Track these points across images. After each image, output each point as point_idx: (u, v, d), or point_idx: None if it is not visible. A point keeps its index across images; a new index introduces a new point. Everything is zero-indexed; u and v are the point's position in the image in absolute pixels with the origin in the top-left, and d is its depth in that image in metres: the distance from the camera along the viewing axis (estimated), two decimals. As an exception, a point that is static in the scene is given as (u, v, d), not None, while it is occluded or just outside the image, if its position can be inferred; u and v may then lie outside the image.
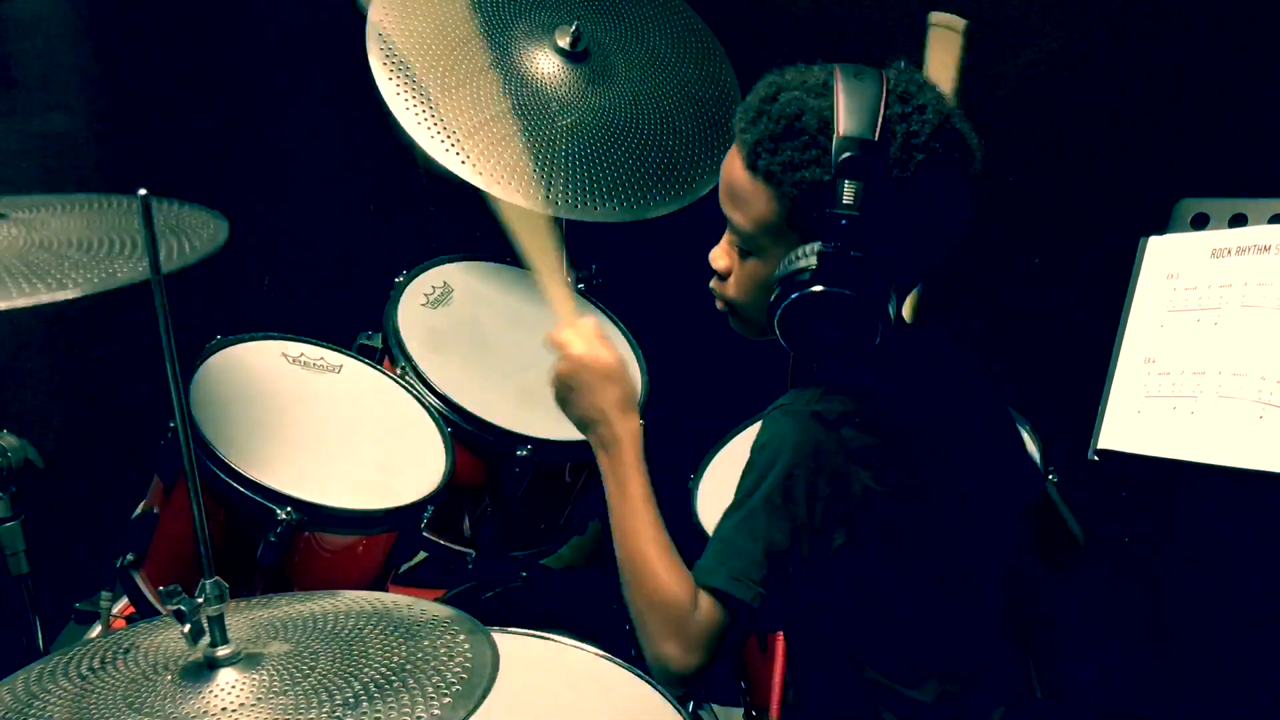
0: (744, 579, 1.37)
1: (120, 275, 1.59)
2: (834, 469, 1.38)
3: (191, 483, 1.21)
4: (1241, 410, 1.58)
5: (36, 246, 1.66)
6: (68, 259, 1.62)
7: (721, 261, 1.49)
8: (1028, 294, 2.47)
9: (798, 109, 1.37)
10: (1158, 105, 2.32)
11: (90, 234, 1.71)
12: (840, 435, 1.39)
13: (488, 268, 2.36)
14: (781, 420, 1.42)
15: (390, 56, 2.19)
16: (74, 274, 1.57)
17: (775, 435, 1.41)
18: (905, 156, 1.35)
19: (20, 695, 1.21)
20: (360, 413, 2.03)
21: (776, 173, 1.38)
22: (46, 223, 1.75)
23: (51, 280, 1.55)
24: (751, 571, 1.37)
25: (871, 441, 1.40)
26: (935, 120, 1.37)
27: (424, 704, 1.14)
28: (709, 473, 2.14)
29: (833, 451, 1.38)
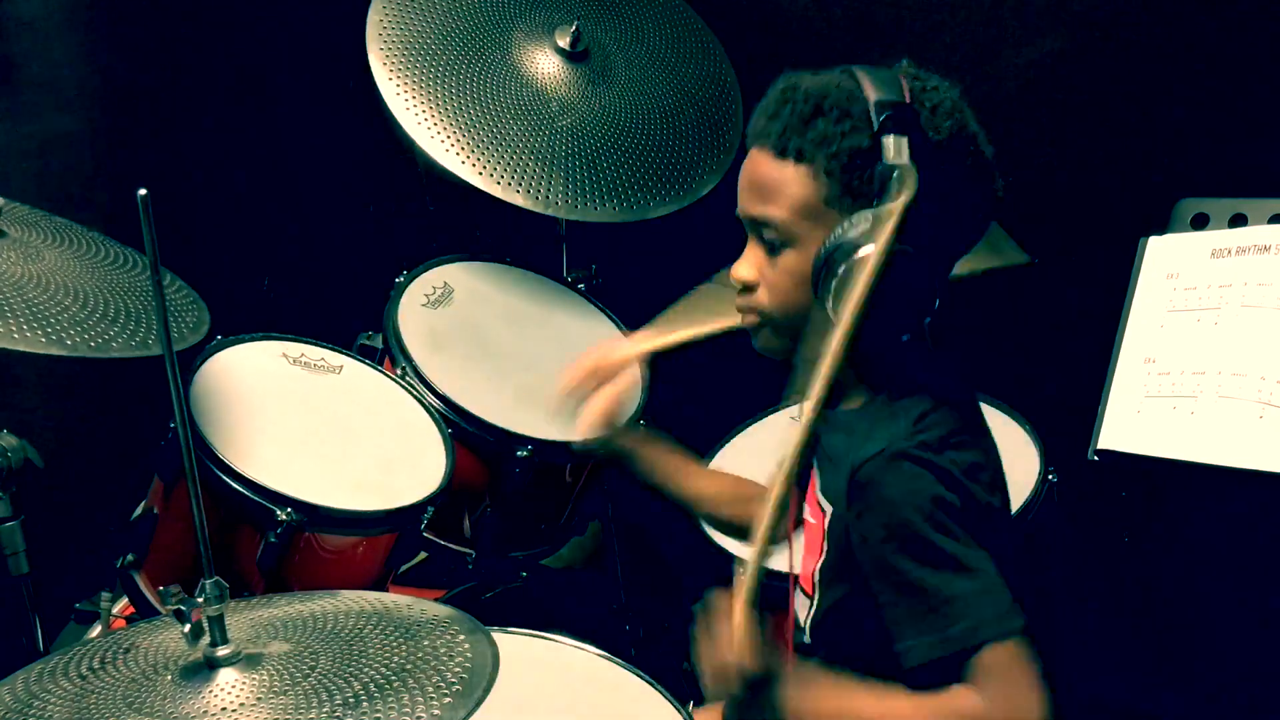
0: (1006, 614, 1.28)
1: (115, 348, 1.65)
2: (964, 488, 1.32)
3: (191, 483, 1.21)
4: (1241, 410, 1.58)
5: (34, 284, 1.69)
6: (65, 311, 1.66)
7: (748, 272, 1.43)
8: (1028, 294, 2.47)
9: (823, 90, 1.37)
10: (1158, 105, 2.32)
11: (84, 284, 1.74)
12: (951, 458, 1.33)
13: (488, 268, 2.36)
14: (894, 467, 1.32)
15: (391, 58, 2.19)
16: (71, 330, 1.63)
17: (896, 482, 1.31)
18: (936, 120, 1.36)
19: (20, 695, 1.21)
20: (360, 413, 2.03)
21: (810, 150, 1.36)
22: (40, 253, 1.78)
23: (50, 332, 1.61)
24: (1002, 603, 1.28)
25: (974, 458, 1.35)
26: (951, 95, 1.39)
27: (424, 704, 1.14)
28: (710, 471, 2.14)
29: (956, 474, 1.32)
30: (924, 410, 1.36)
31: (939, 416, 1.36)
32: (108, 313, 1.70)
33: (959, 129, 1.37)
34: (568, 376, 1.70)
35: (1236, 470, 1.56)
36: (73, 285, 1.72)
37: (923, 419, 1.35)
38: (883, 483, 1.32)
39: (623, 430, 1.77)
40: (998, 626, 1.26)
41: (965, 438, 1.36)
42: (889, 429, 1.35)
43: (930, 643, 1.28)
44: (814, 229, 1.37)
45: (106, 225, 1.96)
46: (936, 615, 1.28)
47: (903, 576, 1.30)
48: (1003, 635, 1.26)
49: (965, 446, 1.36)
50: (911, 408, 1.37)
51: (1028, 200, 2.45)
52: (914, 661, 1.28)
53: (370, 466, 1.94)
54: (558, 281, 2.41)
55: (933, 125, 1.35)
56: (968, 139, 1.38)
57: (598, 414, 1.71)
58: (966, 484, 1.32)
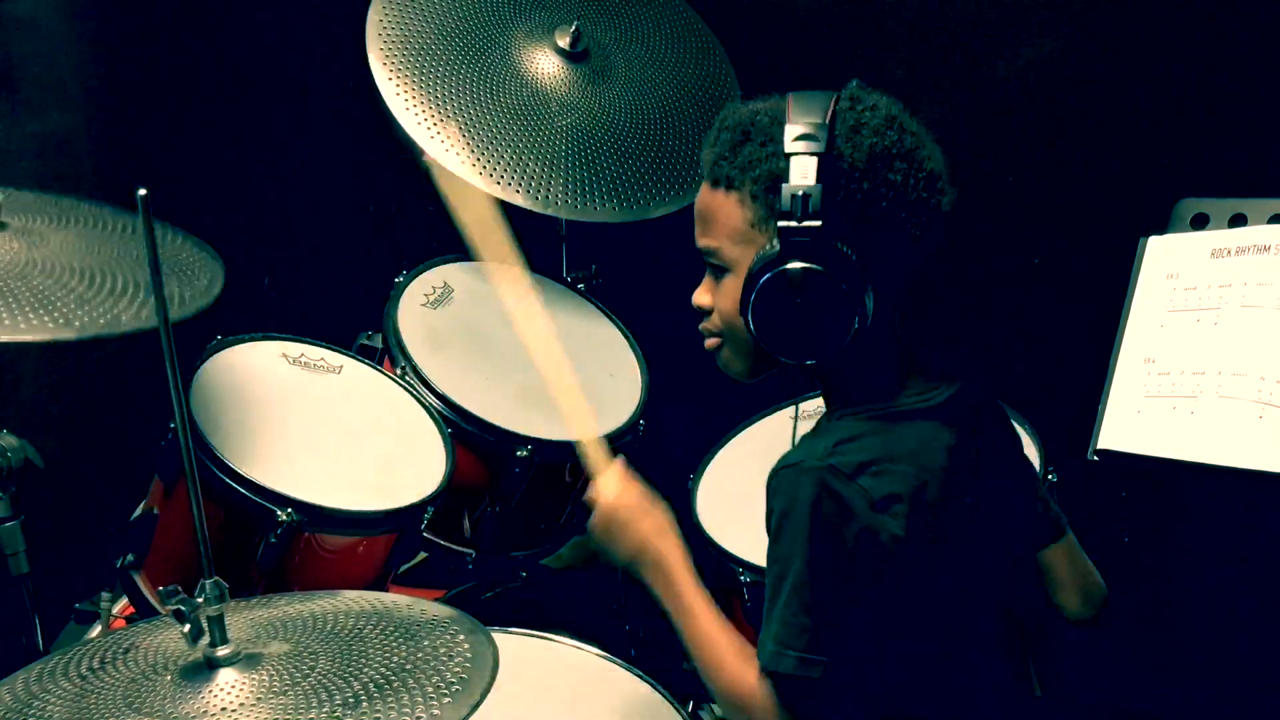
0: (811, 656, 1.33)
1: (125, 321, 1.62)
2: (861, 521, 1.34)
3: (191, 483, 1.21)
4: (1241, 410, 1.58)
5: (38, 269, 1.67)
6: (72, 292, 1.63)
7: (702, 297, 1.48)
8: (1028, 294, 2.47)
9: (751, 117, 1.40)
10: (1158, 105, 2.32)
11: (91, 260, 1.72)
12: (860, 486, 1.35)
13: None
14: (796, 480, 1.36)
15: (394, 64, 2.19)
16: (79, 311, 1.60)
17: (794, 497, 1.36)
18: (857, 138, 1.36)
19: (20, 695, 1.21)
20: (360, 413, 2.03)
21: (736, 176, 1.39)
22: (45, 237, 1.76)
23: (58, 315, 1.58)
24: (815, 646, 1.33)
25: (892, 490, 1.36)
26: (886, 112, 1.38)
27: (424, 704, 1.14)
28: (709, 473, 2.14)
29: (857, 503, 1.34)
30: (855, 434, 1.39)
31: (867, 442, 1.38)
32: (115, 288, 1.67)
33: (886, 146, 1.36)
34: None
35: (1236, 470, 1.56)
36: (78, 265, 1.69)
37: (847, 442, 1.38)
38: (780, 490, 1.38)
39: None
40: (776, 663, 1.35)
41: (893, 467, 1.37)
42: (812, 445, 1.40)
43: (773, 652, 1.36)
44: (746, 252, 1.40)
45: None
46: (767, 624, 1.37)
47: (770, 576, 1.39)
48: (776, 670, 1.35)
49: (887, 476, 1.36)
50: (842, 430, 1.40)
51: (1028, 200, 2.46)
52: (763, 662, 1.37)
53: (370, 466, 1.94)
54: (558, 281, 2.41)
55: (851, 144, 1.35)
56: (897, 155, 1.37)
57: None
58: (868, 514, 1.34)
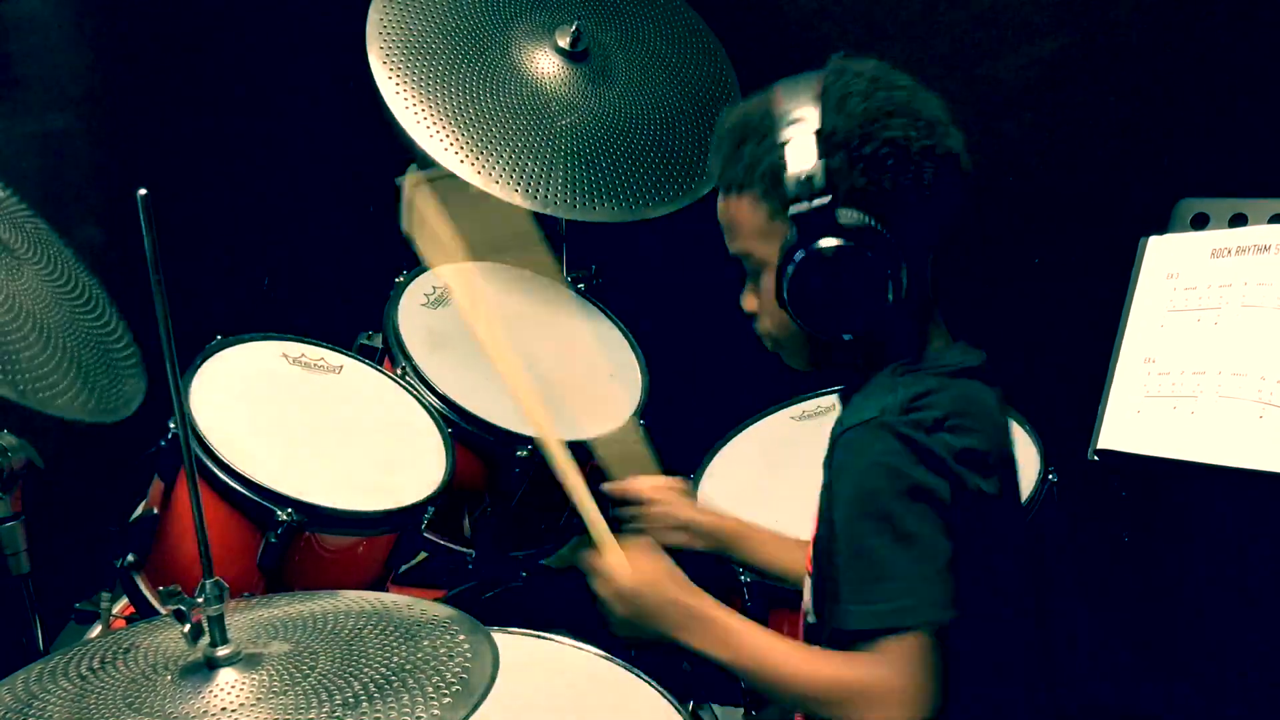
0: (924, 604, 1.29)
1: (59, 405, 1.62)
2: (947, 475, 1.32)
3: (191, 483, 1.21)
4: (1241, 410, 1.58)
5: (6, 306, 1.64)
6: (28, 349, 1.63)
7: (748, 302, 1.47)
8: (1028, 294, 2.47)
9: (744, 117, 1.41)
10: (1158, 105, 2.32)
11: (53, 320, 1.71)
12: (942, 440, 1.32)
13: (488, 268, 2.36)
14: (881, 435, 1.33)
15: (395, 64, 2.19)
16: (26, 373, 1.60)
17: (876, 453, 1.32)
18: (846, 106, 1.35)
19: (20, 695, 1.21)
20: (360, 413, 2.03)
21: (744, 177, 1.40)
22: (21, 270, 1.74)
23: (5, 372, 1.57)
24: (926, 593, 1.29)
25: (971, 444, 1.34)
26: (871, 74, 1.38)
27: (424, 704, 1.14)
28: (709, 473, 2.14)
29: (941, 456, 1.32)
30: (926, 389, 1.37)
31: (940, 398, 1.36)
32: (62, 363, 1.66)
33: (879, 105, 1.35)
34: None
35: (1236, 470, 1.56)
36: (40, 317, 1.67)
37: (922, 397, 1.36)
38: (861, 448, 1.34)
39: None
40: (921, 615, 1.28)
41: (966, 422, 1.36)
42: (883, 401, 1.36)
43: (868, 612, 1.29)
44: (773, 248, 1.39)
45: (106, 224, 1.96)
46: (879, 586, 1.29)
47: (860, 541, 1.32)
48: (919, 626, 1.27)
49: (964, 431, 1.35)
50: (913, 384, 1.38)
51: (1028, 200, 2.46)
52: (850, 625, 1.30)
53: (370, 466, 1.94)
54: (558, 281, 2.41)
55: (844, 113, 1.35)
56: (891, 111, 1.35)
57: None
58: (954, 467, 1.32)
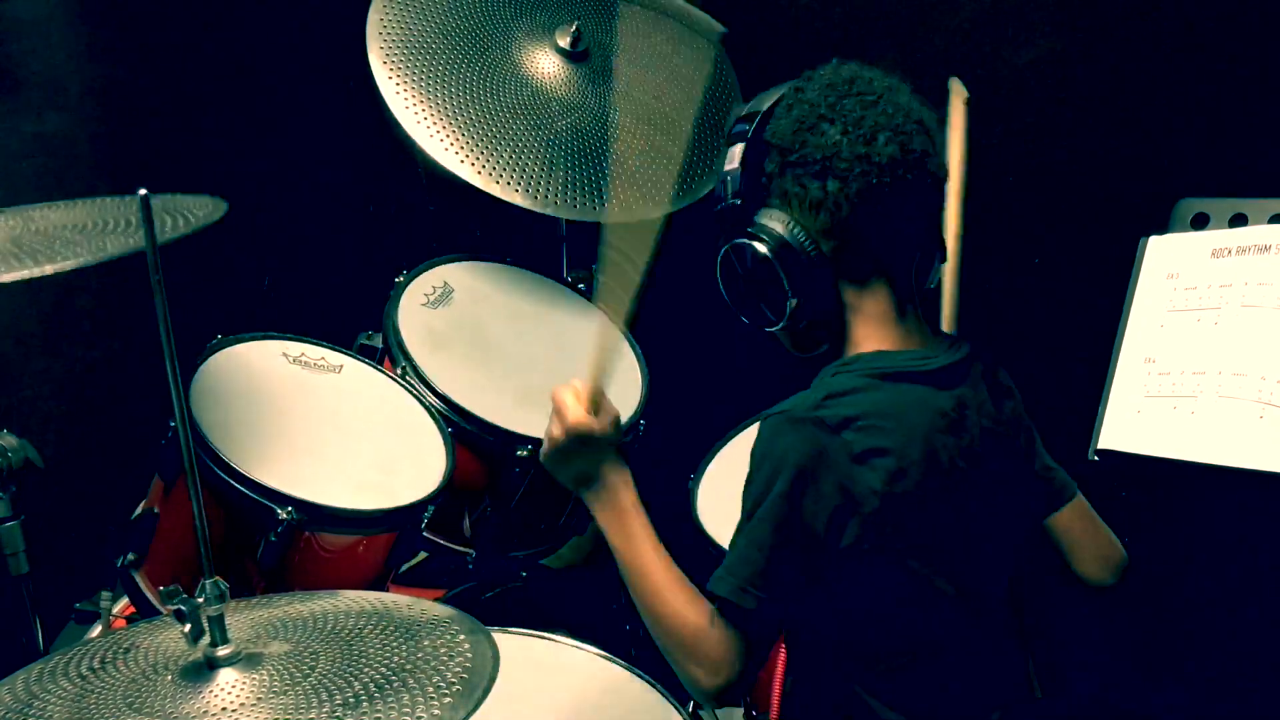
0: (749, 588, 1.40)
1: (110, 248, 1.61)
2: (839, 473, 1.39)
3: (191, 483, 1.21)
4: (1241, 410, 1.58)
5: (32, 233, 1.68)
6: (60, 239, 1.64)
7: None
8: (1028, 294, 2.47)
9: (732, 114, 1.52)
10: (1158, 105, 2.32)
11: (86, 219, 1.73)
12: (843, 439, 1.40)
13: (488, 268, 2.36)
14: (782, 426, 1.42)
15: (392, 60, 2.19)
16: (64, 250, 1.60)
17: (776, 443, 1.42)
18: (786, 115, 1.45)
19: (20, 695, 1.21)
20: (360, 413, 2.03)
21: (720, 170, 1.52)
22: (45, 215, 1.77)
23: (41, 257, 1.58)
24: (756, 580, 1.39)
25: (875, 445, 1.40)
26: (830, 80, 1.45)
27: (424, 704, 1.14)
28: (709, 473, 2.14)
29: (836, 456, 1.39)
30: (846, 389, 1.43)
31: (860, 398, 1.42)
32: (105, 229, 1.68)
33: (820, 114, 1.43)
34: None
35: (1236, 470, 1.56)
36: (70, 224, 1.71)
37: (837, 396, 1.42)
38: (764, 435, 1.44)
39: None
40: (727, 591, 1.41)
41: (883, 424, 1.41)
42: (802, 396, 1.45)
43: (716, 575, 1.44)
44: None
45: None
46: (731, 555, 1.43)
47: (742, 519, 1.44)
48: (727, 605, 1.41)
49: (874, 431, 1.40)
50: (835, 384, 1.44)
51: (1028, 200, 2.46)
52: (710, 587, 1.44)
53: (370, 466, 1.94)
54: (558, 281, 2.42)
55: (783, 120, 1.45)
56: (827, 118, 1.42)
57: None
58: (847, 466, 1.39)
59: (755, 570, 1.40)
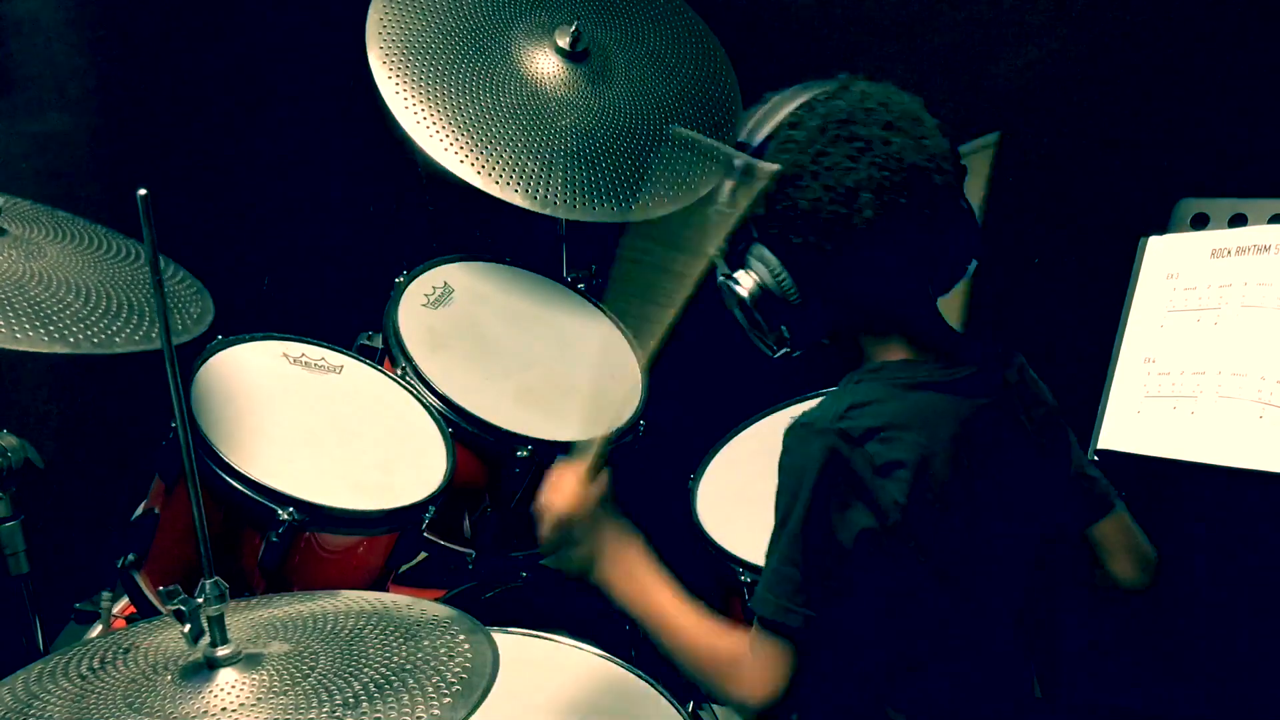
0: (792, 605, 1.38)
1: (119, 342, 1.65)
2: (862, 485, 1.37)
3: (191, 483, 1.21)
4: (1241, 410, 1.58)
5: (36, 281, 1.68)
6: (68, 307, 1.66)
7: None
8: (1028, 294, 2.47)
9: (748, 112, 1.49)
10: (1158, 105, 2.32)
11: (87, 279, 1.74)
12: (865, 451, 1.38)
13: (488, 268, 2.36)
14: (806, 438, 1.40)
15: (390, 58, 2.19)
16: (73, 327, 1.63)
17: (800, 454, 1.40)
18: (781, 156, 1.41)
19: (20, 695, 1.21)
20: (360, 413, 2.03)
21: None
22: (43, 249, 1.78)
23: (54, 329, 1.61)
24: (797, 597, 1.38)
25: (897, 458, 1.38)
26: (822, 124, 1.40)
27: (424, 704, 1.14)
28: (709, 473, 2.14)
29: (860, 468, 1.37)
30: (869, 399, 1.41)
31: (884, 408, 1.40)
32: (110, 308, 1.70)
33: (799, 164, 1.39)
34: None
35: (1236, 470, 1.56)
36: (75, 281, 1.72)
37: (860, 406, 1.40)
38: (789, 447, 1.42)
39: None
40: (771, 611, 1.39)
41: (901, 435, 1.39)
42: (826, 406, 1.43)
43: (758, 597, 1.41)
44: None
45: (106, 224, 1.96)
46: (770, 575, 1.40)
47: (773, 534, 1.42)
48: (772, 624, 1.39)
49: (897, 443, 1.38)
50: (858, 393, 1.43)
51: (1028, 200, 2.46)
52: (750, 605, 1.42)
53: (370, 466, 1.94)
54: (558, 281, 2.42)
55: (776, 152, 1.42)
56: (811, 172, 1.39)
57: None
58: (871, 479, 1.37)
59: (794, 586, 1.38)
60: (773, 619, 1.39)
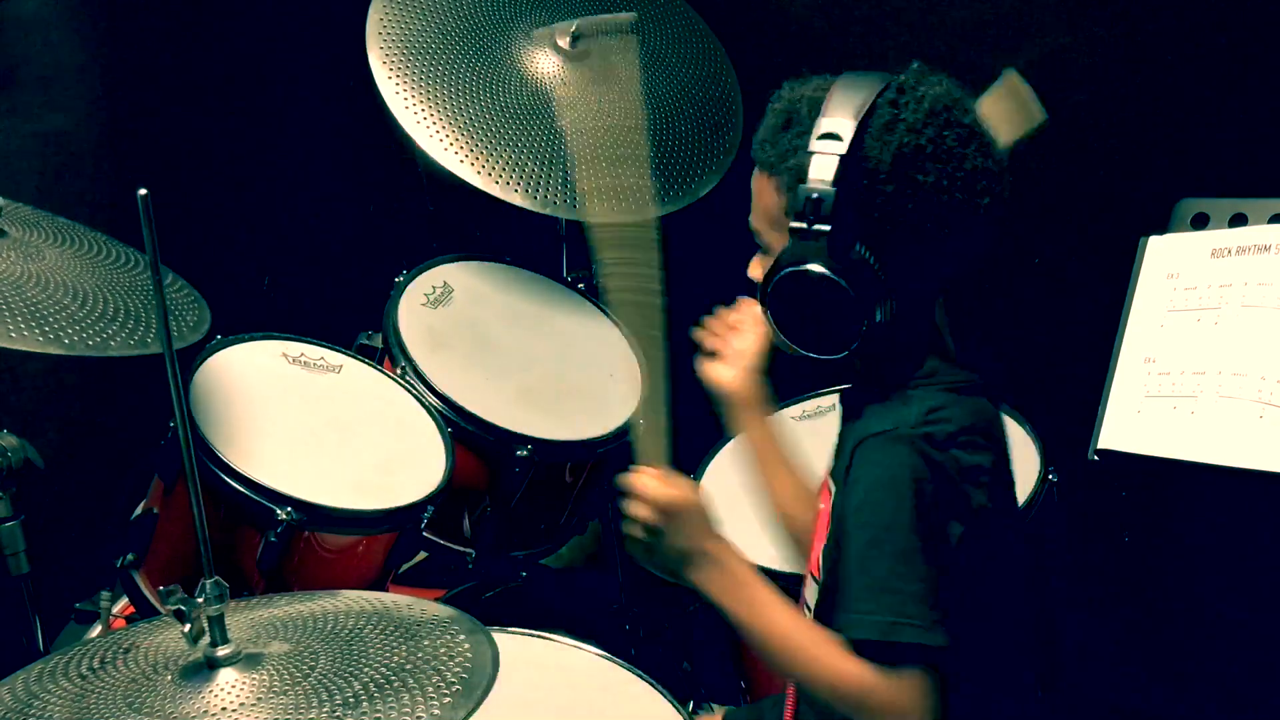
0: (927, 624, 1.29)
1: (114, 346, 1.65)
2: (956, 488, 1.34)
3: (191, 483, 1.21)
4: (1241, 410, 1.58)
5: (33, 282, 1.68)
6: (64, 310, 1.66)
7: (754, 271, 1.48)
8: (1028, 294, 2.47)
9: (795, 101, 1.39)
10: (1158, 105, 2.32)
11: (85, 282, 1.74)
12: (953, 456, 1.34)
13: (488, 268, 2.36)
14: (893, 447, 1.34)
15: (392, 59, 2.19)
16: (69, 328, 1.62)
17: (890, 464, 1.34)
18: (886, 136, 1.34)
19: (20, 695, 1.21)
20: (360, 413, 2.03)
21: (775, 163, 1.39)
22: (41, 252, 1.78)
23: (49, 330, 1.60)
24: (929, 614, 1.29)
25: (979, 461, 1.36)
26: (932, 106, 1.35)
27: (424, 704, 1.14)
28: (709, 473, 2.14)
29: (950, 472, 1.34)
30: (939, 404, 1.37)
31: (953, 412, 1.37)
32: (107, 311, 1.70)
33: (919, 145, 1.33)
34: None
35: (1236, 470, 1.56)
36: (73, 284, 1.72)
37: (936, 411, 1.37)
38: (875, 459, 1.35)
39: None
40: (917, 635, 1.28)
41: (977, 439, 1.37)
42: (899, 413, 1.37)
43: (870, 622, 1.30)
44: (780, 239, 1.39)
45: (106, 224, 1.97)
46: (882, 598, 1.30)
47: (864, 550, 1.32)
48: (917, 644, 1.28)
49: (974, 448, 1.36)
50: (927, 398, 1.38)
51: (1028, 200, 2.46)
52: (855, 634, 1.30)
53: (370, 466, 1.94)
54: (558, 281, 2.42)
55: (881, 143, 1.33)
56: (931, 156, 1.34)
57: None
58: (960, 485, 1.34)
59: (929, 605, 1.29)
60: (914, 643, 1.28)
